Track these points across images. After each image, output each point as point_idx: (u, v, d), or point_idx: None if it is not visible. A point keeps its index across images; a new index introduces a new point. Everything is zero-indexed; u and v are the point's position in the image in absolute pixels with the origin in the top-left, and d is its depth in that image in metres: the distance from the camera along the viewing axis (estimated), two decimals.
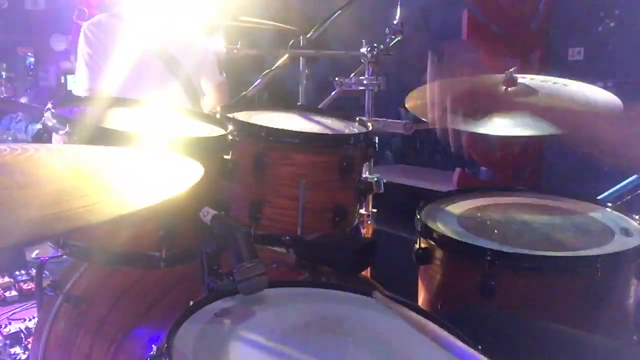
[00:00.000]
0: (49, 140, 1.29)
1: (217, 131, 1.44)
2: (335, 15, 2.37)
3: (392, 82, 2.14)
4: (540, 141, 3.42)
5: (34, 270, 1.79)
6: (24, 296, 2.84)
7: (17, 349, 2.33)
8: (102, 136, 1.20)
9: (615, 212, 1.67)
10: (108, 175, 0.87)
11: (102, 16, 2.68)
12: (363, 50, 2.03)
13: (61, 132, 1.23)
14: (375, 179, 1.74)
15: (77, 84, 2.74)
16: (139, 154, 1.08)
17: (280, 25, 2.70)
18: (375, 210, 1.96)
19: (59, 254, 1.31)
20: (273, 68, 2.47)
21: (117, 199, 0.73)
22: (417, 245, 1.58)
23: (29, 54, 5.08)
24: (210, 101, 2.84)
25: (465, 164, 3.37)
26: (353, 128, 1.76)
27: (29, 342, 2.31)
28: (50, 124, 1.26)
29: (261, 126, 1.51)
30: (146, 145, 1.20)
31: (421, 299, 1.63)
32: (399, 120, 2.01)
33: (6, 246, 0.56)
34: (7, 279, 2.96)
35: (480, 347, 0.95)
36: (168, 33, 2.63)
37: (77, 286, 1.54)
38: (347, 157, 1.55)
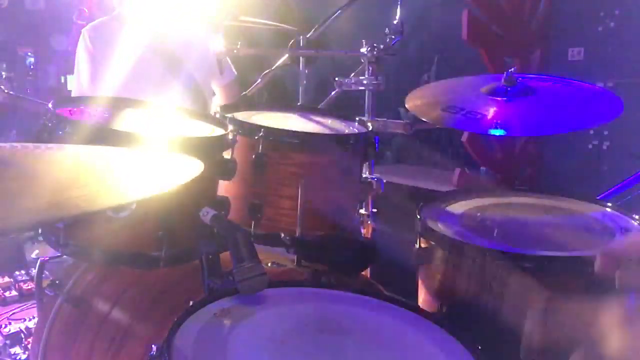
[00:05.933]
0: (49, 141, 1.29)
1: (217, 131, 1.44)
2: (335, 15, 2.36)
3: (392, 82, 2.14)
4: (540, 141, 3.42)
5: (34, 270, 1.79)
6: (24, 296, 2.85)
7: (17, 349, 2.33)
8: (101, 136, 1.20)
9: (615, 212, 1.67)
10: (107, 171, 0.87)
11: (102, 19, 2.67)
12: (363, 50, 2.03)
13: (61, 132, 1.23)
14: (375, 179, 1.74)
15: (72, 88, 2.70)
16: (138, 152, 1.08)
17: (280, 25, 2.70)
18: (375, 210, 1.96)
19: (59, 254, 1.31)
20: (273, 68, 2.47)
21: (115, 190, 0.72)
22: (417, 245, 1.58)
23: (29, 54, 5.07)
24: (218, 101, 2.85)
25: (465, 164, 3.36)
26: (353, 128, 1.76)
27: (29, 342, 2.31)
28: (50, 124, 1.26)
29: (261, 126, 1.51)
30: (146, 145, 1.20)
31: (421, 299, 1.62)
32: (399, 120, 2.01)
33: (2, 233, 0.55)
34: (7, 279, 2.96)
35: (480, 348, 0.95)
36: (168, 34, 2.62)
37: (77, 286, 1.54)
38: (347, 157, 1.55)
